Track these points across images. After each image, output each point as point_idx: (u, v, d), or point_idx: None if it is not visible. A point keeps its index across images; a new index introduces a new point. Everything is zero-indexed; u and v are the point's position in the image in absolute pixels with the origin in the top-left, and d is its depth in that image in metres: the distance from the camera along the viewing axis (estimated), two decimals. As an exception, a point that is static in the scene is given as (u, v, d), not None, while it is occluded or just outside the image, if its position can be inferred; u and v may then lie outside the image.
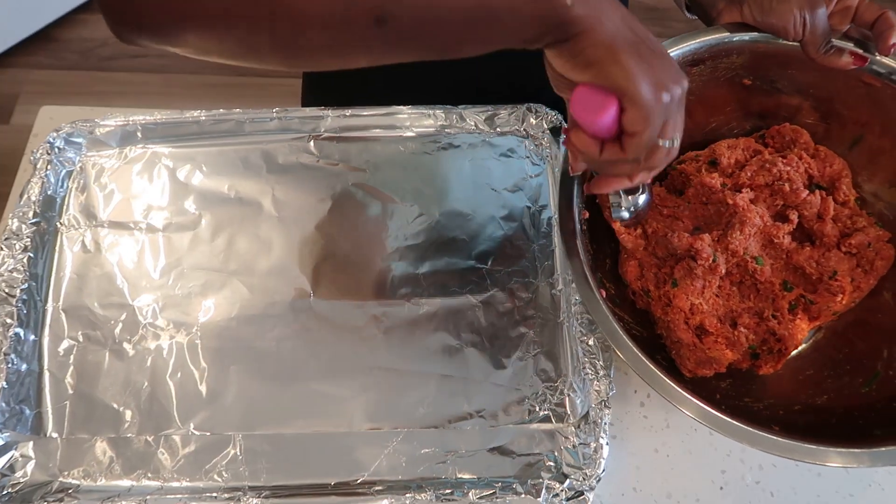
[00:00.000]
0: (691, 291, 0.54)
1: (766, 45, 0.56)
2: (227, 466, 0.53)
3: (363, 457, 0.53)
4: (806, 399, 0.54)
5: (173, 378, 0.56)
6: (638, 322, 0.57)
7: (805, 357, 0.57)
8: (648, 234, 0.58)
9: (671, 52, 0.56)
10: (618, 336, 0.48)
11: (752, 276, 0.55)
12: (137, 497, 0.51)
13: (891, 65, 0.55)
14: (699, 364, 0.55)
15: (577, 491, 0.51)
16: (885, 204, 0.58)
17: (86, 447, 0.53)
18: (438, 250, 0.62)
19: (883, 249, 0.56)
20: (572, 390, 0.56)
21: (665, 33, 1.73)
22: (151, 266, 0.61)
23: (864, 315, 0.57)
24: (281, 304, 0.59)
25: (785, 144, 0.60)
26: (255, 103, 0.79)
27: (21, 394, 0.55)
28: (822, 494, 0.54)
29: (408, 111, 0.66)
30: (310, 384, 0.56)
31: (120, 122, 0.66)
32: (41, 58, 1.67)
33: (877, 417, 0.51)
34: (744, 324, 0.55)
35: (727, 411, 0.46)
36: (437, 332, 0.58)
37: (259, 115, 0.66)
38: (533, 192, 0.64)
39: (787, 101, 0.60)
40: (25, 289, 0.58)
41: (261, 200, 0.64)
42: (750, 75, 0.59)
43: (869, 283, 0.56)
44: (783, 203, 0.57)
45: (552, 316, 0.59)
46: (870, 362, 0.55)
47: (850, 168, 0.59)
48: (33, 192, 0.62)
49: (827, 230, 0.56)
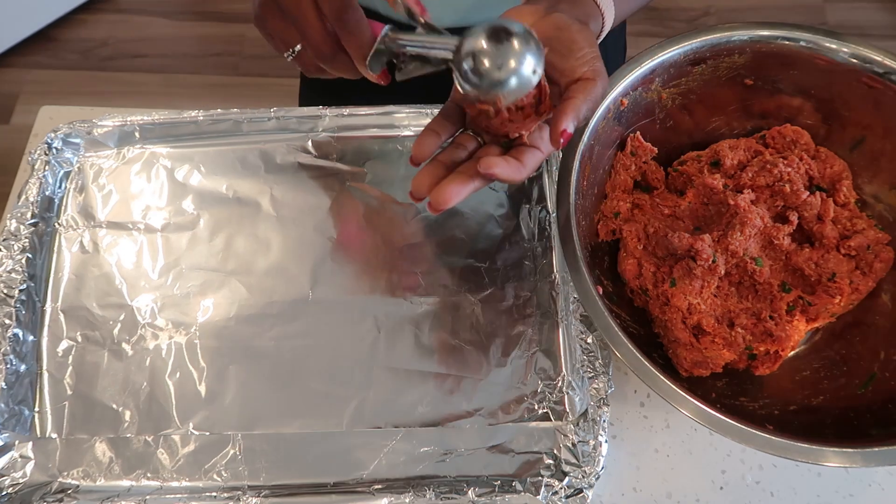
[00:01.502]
0: (689, 291, 0.54)
1: (769, 45, 0.56)
2: (227, 466, 0.53)
3: (362, 456, 0.53)
4: (802, 400, 0.54)
5: (172, 378, 0.56)
6: (635, 320, 0.57)
7: (802, 358, 0.57)
8: (649, 234, 0.58)
9: (672, 51, 0.56)
10: (613, 332, 0.48)
11: (751, 276, 0.55)
12: (137, 497, 0.51)
13: (893, 66, 0.55)
14: (696, 364, 0.55)
15: (577, 489, 0.51)
16: (886, 206, 0.58)
17: (85, 447, 0.53)
18: (436, 249, 0.62)
19: (882, 252, 0.56)
20: (571, 388, 0.56)
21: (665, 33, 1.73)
22: (150, 266, 0.61)
23: (861, 317, 0.57)
24: (280, 304, 0.59)
25: (786, 145, 0.60)
26: (253, 103, 0.79)
27: (20, 394, 0.55)
28: (822, 494, 0.54)
29: (406, 111, 0.66)
30: (309, 383, 0.56)
31: (118, 122, 0.66)
32: (41, 58, 1.67)
33: (872, 419, 0.51)
34: (741, 324, 0.55)
35: (723, 410, 0.46)
36: (436, 330, 0.58)
37: (257, 115, 0.66)
38: (531, 191, 0.64)
39: (789, 101, 0.60)
40: (24, 289, 0.58)
41: (259, 200, 0.64)
42: (751, 75, 0.59)
43: (867, 285, 0.56)
44: (783, 204, 0.57)
45: (551, 314, 0.59)
46: (866, 364, 0.55)
47: (850, 170, 0.59)
48: (31, 192, 0.62)
49: (826, 232, 0.56)
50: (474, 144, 0.49)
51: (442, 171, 0.47)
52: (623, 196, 0.60)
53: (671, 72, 0.57)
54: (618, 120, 0.57)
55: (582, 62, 0.46)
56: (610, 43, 0.81)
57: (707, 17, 1.74)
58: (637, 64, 0.56)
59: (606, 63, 0.47)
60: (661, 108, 0.60)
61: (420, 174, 0.47)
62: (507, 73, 0.40)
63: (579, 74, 0.45)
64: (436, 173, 0.47)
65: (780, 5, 1.77)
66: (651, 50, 0.56)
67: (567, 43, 0.46)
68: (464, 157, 0.49)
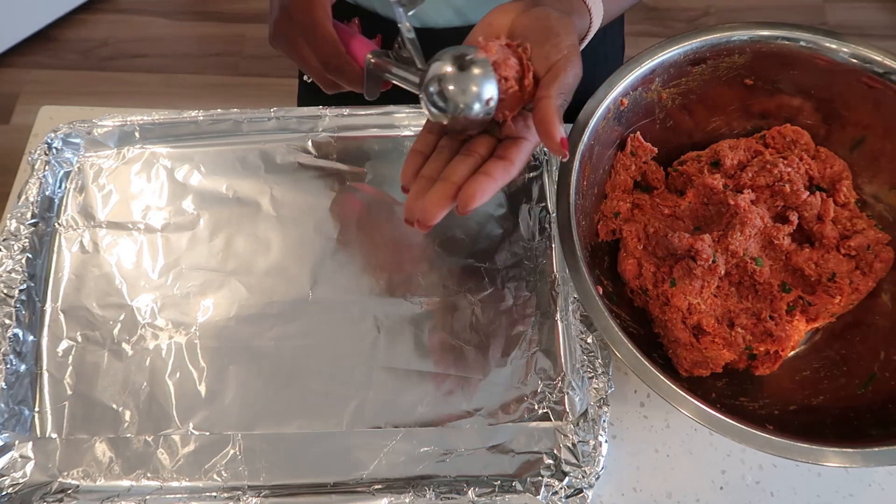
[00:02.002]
0: (689, 291, 0.54)
1: (769, 45, 0.56)
2: (227, 466, 0.53)
3: (362, 456, 0.53)
4: (802, 399, 0.54)
5: (172, 378, 0.56)
6: (635, 320, 0.57)
7: (802, 358, 0.57)
8: (649, 234, 0.58)
9: (673, 50, 0.56)
10: (613, 332, 0.48)
11: (751, 276, 0.55)
12: (137, 497, 0.51)
13: (892, 66, 0.55)
14: (696, 364, 0.55)
15: (577, 489, 0.51)
16: (886, 206, 0.58)
17: (85, 447, 0.53)
18: (436, 249, 0.62)
19: (882, 252, 0.55)
20: (571, 388, 0.56)
21: (665, 33, 1.73)
22: (150, 266, 0.61)
23: (861, 317, 0.57)
24: (280, 304, 0.59)
25: (785, 145, 0.60)
26: (253, 103, 0.79)
27: (20, 394, 0.55)
28: (822, 494, 0.54)
29: (406, 110, 0.66)
30: (309, 383, 0.56)
31: (118, 122, 0.66)
32: (41, 58, 1.67)
33: (872, 419, 0.51)
34: (741, 324, 0.55)
35: (723, 410, 0.46)
36: (436, 330, 0.58)
37: (257, 115, 0.66)
38: (531, 191, 0.64)
39: (789, 101, 0.60)
40: (24, 289, 0.58)
41: (259, 200, 0.64)
42: (752, 75, 0.59)
43: (867, 285, 0.56)
44: (783, 204, 0.57)
45: (551, 314, 0.59)
46: (866, 364, 0.55)
47: (850, 170, 0.59)
48: (31, 192, 0.62)
49: (826, 232, 0.56)
50: (458, 144, 0.48)
51: (429, 186, 0.46)
52: (623, 196, 0.60)
53: (671, 72, 0.57)
54: (618, 120, 0.57)
55: (557, 49, 0.45)
56: (609, 43, 0.81)
57: (707, 17, 1.74)
58: (637, 64, 0.56)
59: (606, 63, 0.47)
60: (661, 108, 0.60)
61: (409, 198, 0.46)
62: (469, 96, 0.43)
63: (552, 61, 0.45)
64: (424, 191, 0.46)
65: (781, 5, 1.77)
66: (651, 50, 0.56)
67: (545, 31, 0.46)
68: (449, 157, 0.47)
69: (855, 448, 0.45)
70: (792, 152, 0.59)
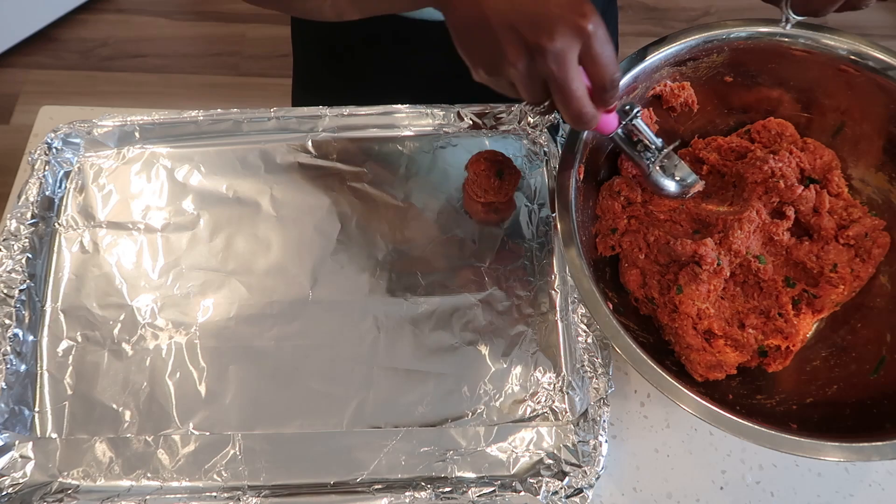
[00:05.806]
0: (697, 296, 0.54)
1: (746, 42, 0.56)
2: (227, 466, 0.53)
3: (362, 456, 0.53)
4: (816, 391, 0.54)
5: (172, 378, 0.56)
6: (643, 329, 0.57)
7: (810, 348, 0.57)
8: (650, 243, 0.58)
9: (656, 55, 0.56)
10: (632, 350, 0.47)
11: (756, 275, 0.55)
12: (137, 497, 0.51)
13: (865, 51, 0.55)
14: (710, 367, 0.54)
15: (577, 489, 0.51)
16: (874, 189, 0.58)
17: (85, 447, 0.53)
18: (436, 249, 0.62)
19: (879, 238, 0.56)
20: (571, 388, 0.56)
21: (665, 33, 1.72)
22: (150, 266, 0.61)
23: (862, 300, 0.57)
24: (279, 304, 0.59)
25: (772, 139, 0.60)
26: (253, 103, 0.79)
27: (20, 394, 0.55)
28: (822, 494, 0.54)
29: (406, 110, 0.66)
30: (309, 383, 0.56)
31: (118, 122, 0.66)
32: (41, 58, 1.67)
33: (890, 405, 0.51)
34: (751, 324, 0.55)
35: (741, 412, 0.46)
36: (436, 330, 0.58)
37: (257, 115, 0.66)
38: (531, 191, 0.64)
39: (768, 93, 0.60)
40: (24, 289, 0.58)
41: (259, 200, 0.64)
42: (731, 72, 0.59)
43: (868, 271, 0.56)
44: (779, 200, 0.57)
45: (550, 314, 0.59)
46: (874, 348, 0.55)
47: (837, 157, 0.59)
48: (31, 192, 0.62)
49: (824, 223, 0.56)
50: None
51: None
52: (619, 214, 0.59)
53: (654, 77, 0.57)
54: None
55: None
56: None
57: (707, 17, 1.74)
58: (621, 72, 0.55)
59: None
60: None
61: None
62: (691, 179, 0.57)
63: None
64: None
65: (780, 5, 1.77)
66: (630, 59, 0.56)
67: None
68: None
69: (869, 442, 0.45)
70: (779, 145, 0.59)
